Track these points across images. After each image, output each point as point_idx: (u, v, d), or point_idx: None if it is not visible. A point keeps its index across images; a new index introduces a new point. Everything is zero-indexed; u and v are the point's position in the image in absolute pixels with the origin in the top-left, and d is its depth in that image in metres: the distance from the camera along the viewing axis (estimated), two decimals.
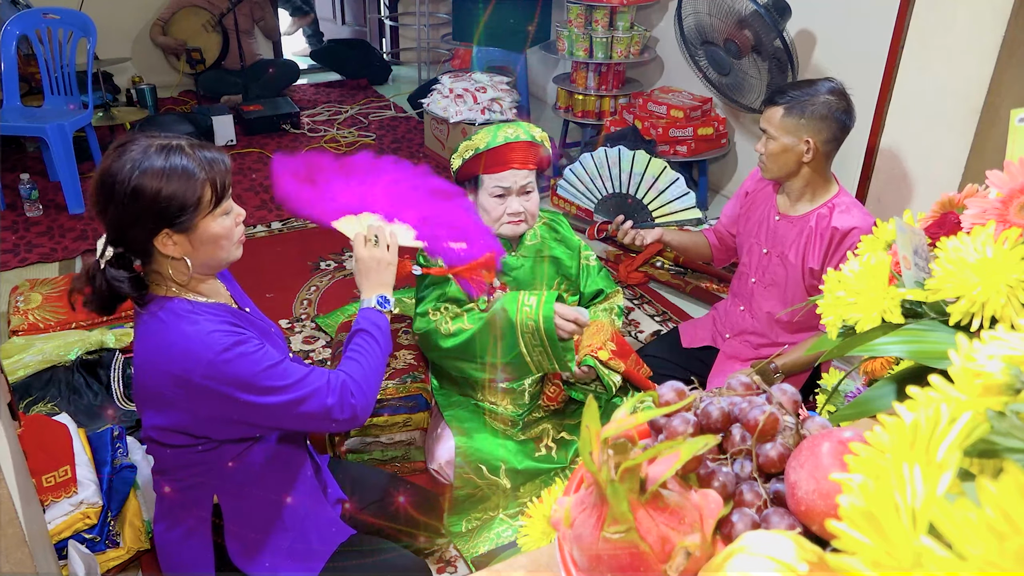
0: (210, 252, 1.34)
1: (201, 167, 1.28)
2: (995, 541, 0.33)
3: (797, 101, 1.94)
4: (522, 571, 0.67)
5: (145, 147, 1.27)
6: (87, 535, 1.89)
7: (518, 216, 1.98)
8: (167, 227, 1.27)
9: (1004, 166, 0.71)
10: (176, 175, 1.25)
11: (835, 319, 0.78)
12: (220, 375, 1.27)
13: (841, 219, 2.02)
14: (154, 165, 1.25)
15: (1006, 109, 2.29)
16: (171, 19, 5.17)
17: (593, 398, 0.55)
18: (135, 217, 1.26)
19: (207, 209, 1.29)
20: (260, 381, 1.29)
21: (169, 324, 1.30)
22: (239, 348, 1.29)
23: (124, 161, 1.25)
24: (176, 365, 1.27)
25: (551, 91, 4.91)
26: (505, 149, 1.93)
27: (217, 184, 1.30)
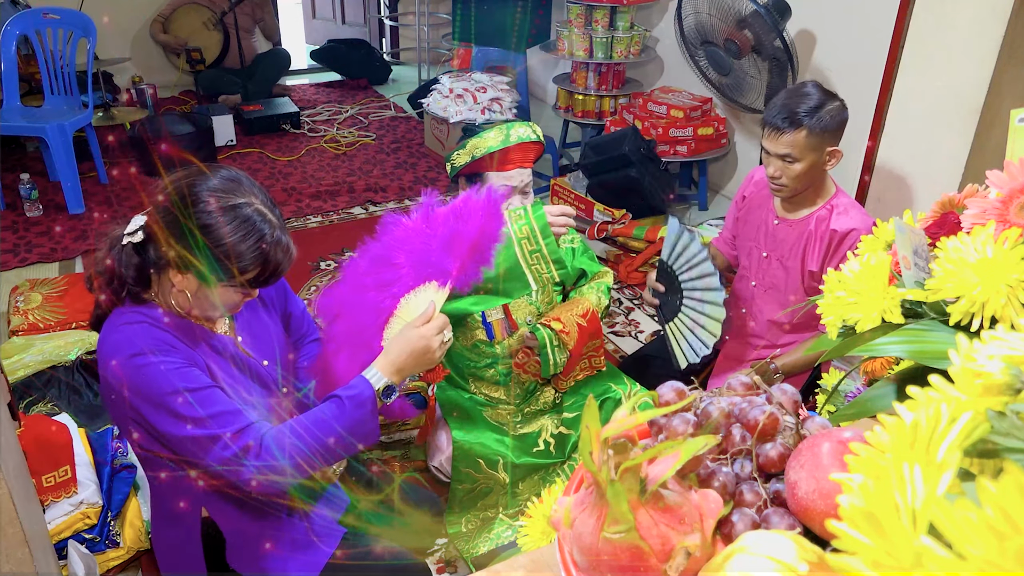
0: (202, 306, 1.30)
1: (268, 253, 1.24)
2: (995, 541, 0.33)
3: (817, 118, 1.89)
4: (522, 571, 0.67)
5: (241, 200, 1.23)
6: (87, 535, 1.89)
7: None
8: (193, 271, 1.24)
9: (1004, 166, 0.71)
10: (244, 245, 1.21)
11: (835, 319, 0.78)
12: (129, 382, 1.21)
13: (840, 221, 2.02)
14: (235, 221, 1.21)
15: (1006, 109, 2.29)
16: (171, 16, 5.17)
17: (592, 398, 0.55)
18: (179, 241, 1.22)
19: (237, 284, 1.25)
20: (168, 403, 1.21)
21: (117, 322, 1.27)
22: (151, 358, 1.21)
23: (214, 194, 1.23)
24: (102, 363, 1.25)
25: (551, 91, 4.91)
26: (517, 148, 1.96)
27: (267, 272, 1.26)
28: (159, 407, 1.22)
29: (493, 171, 1.96)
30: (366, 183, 4.22)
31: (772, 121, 1.93)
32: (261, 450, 1.23)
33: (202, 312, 1.32)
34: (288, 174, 4.33)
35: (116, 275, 1.28)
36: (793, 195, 2.04)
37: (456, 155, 2.00)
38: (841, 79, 3.29)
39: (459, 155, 1.99)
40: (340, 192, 4.12)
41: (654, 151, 3.62)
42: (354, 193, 4.11)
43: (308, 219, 3.85)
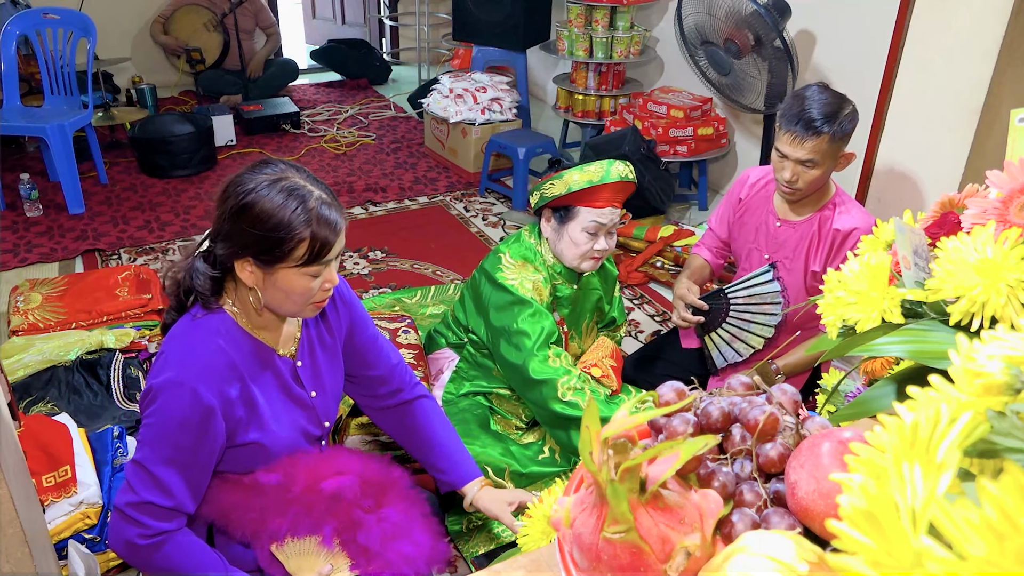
0: (278, 299, 1.30)
1: (311, 223, 1.23)
2: (995, 541, 0.33)
3: (838, 123, 1.88)
4: (522, 571, 0.67)
5: (279, 177, 1.25)
6: (87, 535, 1.89)
7: (602, 253, 1.98)
8: (251, 255, 1.25)
9: (1004, 166, 0.71)
10: (282, 218, 1.22)
11: (835, 319, 0.78)
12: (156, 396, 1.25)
13: (842, 220, 2.03)
14: (272, 197, 1.22)
15: (1006, 109, 2.29)
16: (172, 16, 5.17)
17: (593, 399, 0.55)
18: (229, 231, 1.25)
19: (294, 262, 1.25)
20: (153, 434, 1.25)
21: (188, 328, 1.30)
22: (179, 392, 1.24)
23: (254, 177, 1.25)
24: (161, 360, 1.28)
25: (551, 91, 4.91)
26: (616, 186, 1.91)
27: (316, 245, 1.25)
28: (148, 429, 1.26)
29: (586, 206, 1.92)
30: (366, 183, 4.22)
31: (793, 128, 1.90)
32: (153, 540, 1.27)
33: (278, 308, 1.32)
34: None
35: (187, 284, 1.32)
36: (803, 198, 2.05)
37: (551, 185, 1.94)
38: (841, 79, 3.29)
39: (554, 185, 1.93)
40: (340, 192, 4.12)
41: (654, 151, 3.62)
42: (354, 193, 4.11)
43: None
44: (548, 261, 2.04)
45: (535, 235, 2.08)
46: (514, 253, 2.05)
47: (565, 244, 1.96)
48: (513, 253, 2.05)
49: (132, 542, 1.27)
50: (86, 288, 2.97)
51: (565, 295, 2.06)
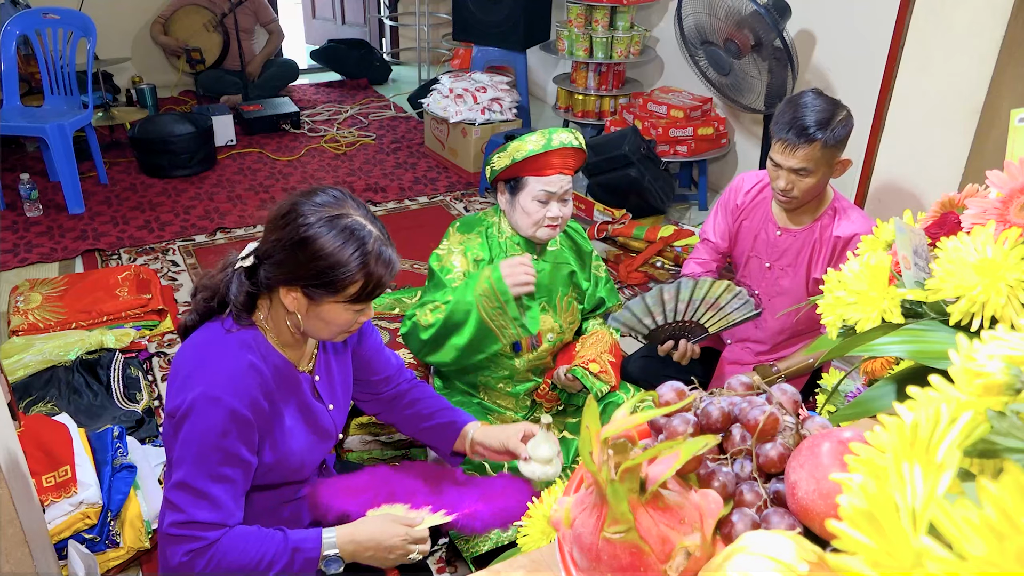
0: (315, 327, 1.32)
1: (368, 264, 1.25)
2: (995, 541, 0.33)
3: (830, 130, 1.87)
4: (522, 571, 0.67)
5: (340, 213, 1.26)
6: (87, 535, 1.89)
7: (556, 220, 1.99)
8: (300, 286, 1.26)
9: (1004, 166, 0.71)
10: (344, 253, 1.23)
11: (835, 319, 0.78)
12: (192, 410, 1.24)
13: (843, 227, 2.02)
14: (334, 236, 1.23)
15: (1006, 109, 2.29)
16: (172, 17, 5.17)
17: (593, 398, 0.55)
18: (283, 258, 1.25)
19: (343, 298, 1.27)
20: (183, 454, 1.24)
21: (221, 341, 1.30)
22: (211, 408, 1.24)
23: (316, 210, 1.25)
24: (188, 370, 1.27)
25: (551, 91, 4.91)
26: (558, 153, 1.93)
27: (369, 286, 1.27)
28: (187, 446, 1.24)
29: (533, 176, 1.95)
30: (366, 183, 4.22)
31: (785, 136, 1.89)
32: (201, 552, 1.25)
33: (314, 334, 1.34)
34: (288, 174, 4.32)
35: (222, 295, 1.32)
36: (800, 206, 2.04)
37: (496, 158, 1.97)
38: (841, 79, 3.29)
39: (499, 158, 1.96)
40: None
41: (654, 151, 3.62)
42: (354, 193, 4.08)
43: None
44: (507, 233, 2.06)
45: (496, 210, 2.11)
46: (459, 226, 2.09)
47: (518, 214, 1.99)
48: (459, 226, 2.09)
49: (184, 561, 1.25)
50: (86, 288, 2.97)
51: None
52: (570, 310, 2.16)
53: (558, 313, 2.14)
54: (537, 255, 2.09)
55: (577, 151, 1.96)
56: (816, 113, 1.88)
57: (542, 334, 2.10)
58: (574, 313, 2.18)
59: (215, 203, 3.96)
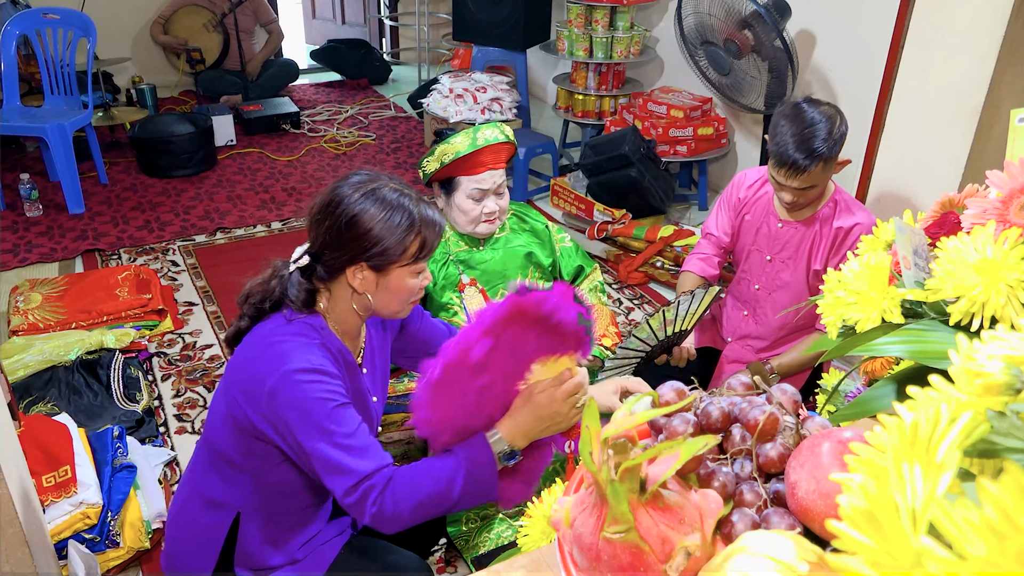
0: (386, 300, 1.37)
1: (419, 222, 1.33)
2: (995, 541, 0.33)
3: (830, 144, 1.87)
4: (522, 571, 0.67)
5: (378, 185, 1.35)
6: (87, 535, 1.89)
7: (493, 215, 2.02)
8: (365, 260, 1.32)
9: (1004, 166, 0.71)
10: (394, 219, 1.31)
11: (835, 319, 0.78)
12: (289, 392, 1.26)
13: (843, 218, 2.03)
14: (379, 202, 1.32)
15: (1006, 109, 2.29)
16: (172, 17, 5.17)
17: (593, 399, 0.55)
18: (342, 242, 1.32)
19: (406, 261, 1.34)
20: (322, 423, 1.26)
21: (289, 328, 1.33)
22: (318, 376, 1.28)
23: (355, 189, 1.33)
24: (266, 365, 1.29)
25: (551, 91, 4.91)
26: (486, 150, 1.96)
27: (426, 244, 1.35)
28: (310, 425, 1.26)
29: (464, 175, 1.97)
30: None
31: (791, 160, 1.87)
32: (379, 504, 1.26)
33: (385, 308, 1.38)
34: (288, 174, 4.33)
35: (276, 298, 1.36)
36: (805, 207, 2.07)
37: (426, 162, 2.00)
38: (841, 79, 3.29)
39: (429, 162, 1.99)
40: None
41: (654, 151, 3.62)
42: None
43: None
44: (448, 232, 2.10)
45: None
46: None
47: (456, 213, 2.02)
48: None
49: (375, 512, 1.25)
50: (86, 288, 2.97)
51: (467, 258, 2.10)
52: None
53: None
54: (482, 246, 2.12)
55: (505, 145, 1.99)
56: (817, 132, 1.87)
57: None
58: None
59: (215, 203, 3.96)
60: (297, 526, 1.48)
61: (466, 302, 2.09)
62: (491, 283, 2.11)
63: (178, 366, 2.75)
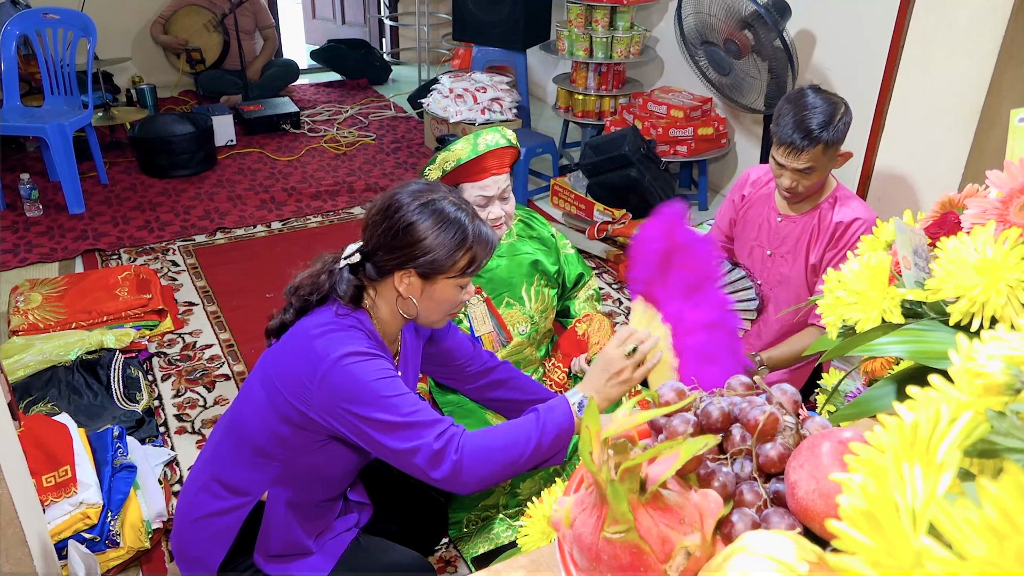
0: (429, 308, 1.41)
1: (472, 238, 1.37)
2: (995, 541, 0.33)
3: (832, 130, 1.89)
4: (522, 571, 0.67)
5: (437, 197, 1.38)
6: (87, 535, 1.89)
7: (499, 220, 1.99)
8: (414, 267, 1.36)
9: (1004, 166, 0.71)
10: (448, 232, 1.35)
11: (835, 319, 0.78)
12: (340, 377, 1.29)
13: (842, 212, 2.04)
14: (436, 214, 1.35)
15: (1006, 109, 2.29)
16: (172, 17, 5.17)
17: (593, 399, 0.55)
18: (396, 246, 1.35)
19: (454, 273, 1.37)
20: (381, 398, 1.29)
21: (335, 321, 1.36)
22: (363, 358, 1.32)
23: (414, 197, 1.37)
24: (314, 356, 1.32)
25: (551, 91, 4.91)
26: (487, 156, 1.93)
27: (475, 259, 1.39)
28: (369, 400, 1.28)
29: (467, 182, 1.94)
30: (366, 183, 4.22)
31: (790, 140, 1.90)
32: (459, 453, 1.28)
33: (426, 315, 1.42)
34: (288, 174, 4.33)
35: (324, 292, 1.39)
36: (804, 199, 2.06)
37: (428, 170, 1.97)
38: (841, 79, 3.29)
39: (431, 170, 1.96)
40: (340, 192, 4.12)
41: (654, 151, 3.62)
42: (354, 193, 4.11)
43: (308, 219, 3.85)
44: None
45: None
46: None
47: None
48: None
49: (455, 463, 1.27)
50: (86, 288, 2.97)
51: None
52: (539, 299, 2.15)
53: (527, 304, 2.13)
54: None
55: (508, 149, 1.96)
56: (818, 115, 1.90)
57: (510, 329, 2.10)
58: (545, 301, 2.17)
59: (215, 203, 3.96)
60: (315, 517, 1.50)
61: (469, 311, 2.07)
62: (496, 291, 2.09)
63: (178, 366, 2.75)
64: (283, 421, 1.37)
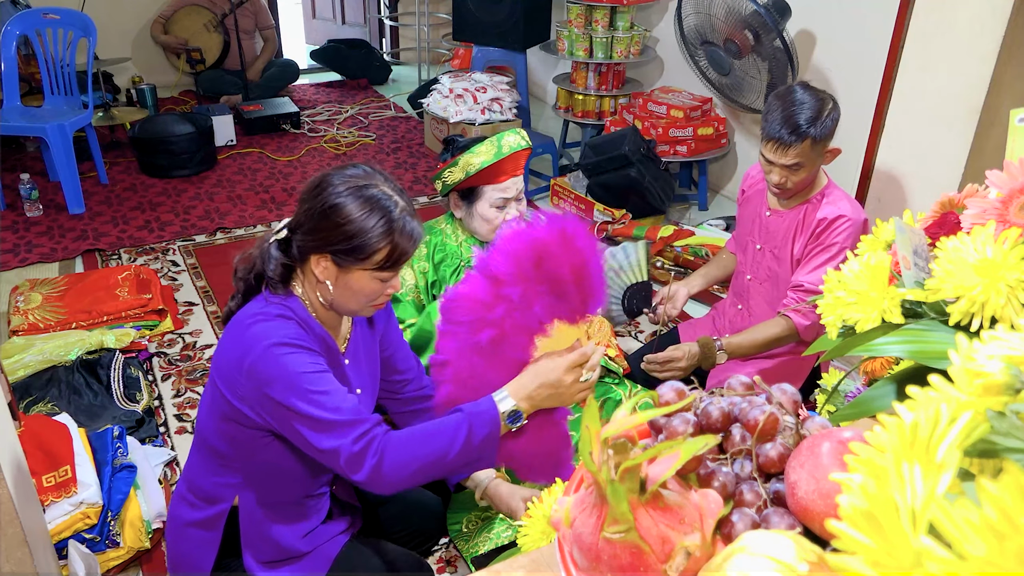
0: (344, 297, 1.35)
1: (394, 232, 1.29)
2: (995, 541, 0.33)
3: (819, 126, 1.90)
4: (522, 571, 0.67)
5: (370, 182, 1.31)
6: (87, 535, 1.89)
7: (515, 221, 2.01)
8: (329, 252, 1.30)
9: (1004, 166, 0.71)
10: (370, 221, 1.28)
11: (835, 319, 0.78)
12: (267, 368, 1.25)
13: (827, 209, 2.04)
14: (361, 203, 1.29)
15: (1006, 109, 2.28)
16: (172, 17, 5.17)
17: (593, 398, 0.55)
18: (315, 227, 1.30)
19: (370, 265, 1.31)
20: (306, 392, 1.24)
21: (265, 308, 1.33)
22: (294, 350, 1.27)
23: (345, 180, 1.31)
24: (238, 343, 1.29)
25: (551, 91, 4.91)
26: (512, 158, 1.94)
27: (395, 253, 1.31)
28: (294, 392, 1.24)
29: (488, 185, 1.95)
30: None
31: (776, 135, 1.91)
32: (379, 455, 1.23)
33: (342, 305, 1.36)
34: (288, 174, 4.33)
35: (258, 270, 1.35)
36: (794, 195, 2.07)
37: (448, 173, 1.98)
38: (841, 79, 3.29)
39: (451, 172, 1.97)
40: None
41: (654, 151, 3.62)
42: None
43: None
44: (461, 237, 2.08)
45: (447, 219, 2.12)
46: None
47: (477, 222, 2.01)
48: None
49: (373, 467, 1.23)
50: (86, 288, 2.97)
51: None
52: None
53: None
54: None
55: (526, 151, 1.98)
56: (806, 111, 1.91)
57: None
58: None
59: (215, 203, 3.96)
60: (297, 517, 1.47)
61: None
62: None
63: (178, 366, 2.75)
64: (225, 419, 1.34)
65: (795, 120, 1.89)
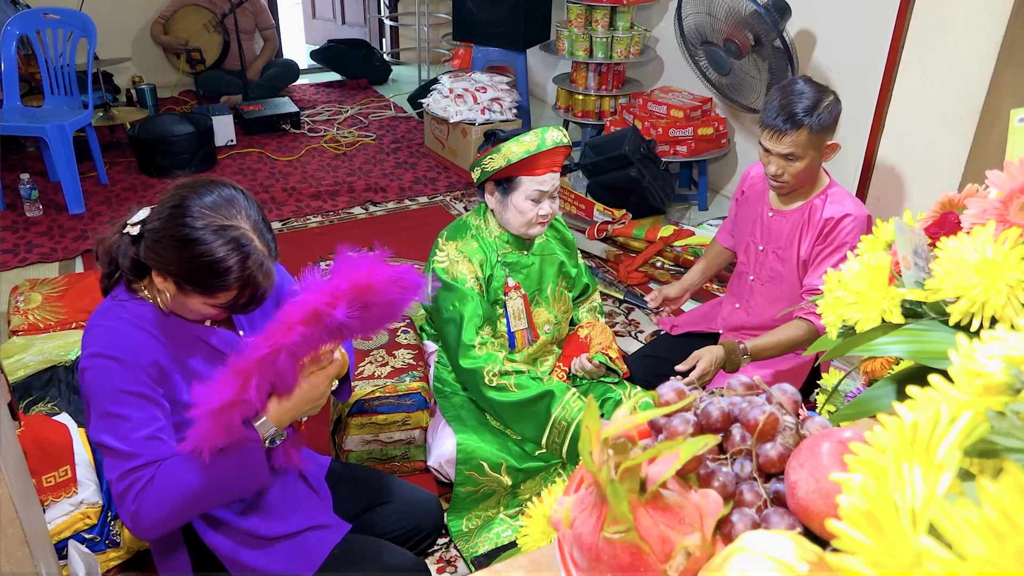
0: (181, 310, 1.34)
1: (242, 280, 1.26)
2: (995, 541, 0.33)
3: (816, 116, 1.90)
4: (522, 571, 0.67)
5: (230, 223, 1.26)
6: (87, 535, 1.89)
7: (547, 217, 2.03)
8: (173, 278, 1.28)
9: (1004, 166, 0.71)
10: (221, 267, 1.23)
11: (835, 319, 0.78)
12: (82, 376, 1.27)
13: (832, 208, 2.04)
14: (219, 243, 1.23)
15: (1006, 109, 2.29)
16: (172, 17, 5.17)
17: (593, 398, 0.55)
18: (163, 248, 1.26)
19: (211, 300, 1.29)
20: (100, 400, 1.24)
21: (106, 313, 1.32)
22: (106, 362, 1.25)
23: (204, 211, 1.25)
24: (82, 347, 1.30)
25: (551, 91, 4.91)
26: (550, 152, 1.96)
27: (242, 299, 1.29)
28: (95, 409, 1.25)
29: (526, 175, 1.96)
30: (366, 183, 4.22)
31: (772, 123, 1.93)
32: (136, 503, 1.23)
33: (178, 313, 1.36)
34: (288, 174, 4.32)
35: (113, 260, 1.34)
36: (793, 191, 2.06)
37: (489, 159, 1.98)
38: (841, 79, 3.29)
39: (492, 159, 1.97)
40: (340, 192, 4.12)
41: (654, 151, 3.62)
42: (354, 193, 4.11)
43: (308, 219, 3.85)
44: (494, 232, 2.08)
45: (477, 212, 2.13)
46: (448, 234, 2.12)
47: (511, 214, 2.02)
48: (447, 235, 2.12)
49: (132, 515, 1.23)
50: (86, 288, 2.97)
51: (515, 261, 2.11)
52: (562, 300, 2.20)
53: (551, 304, 2.17)
54: (526, 250, 2.12)
55: (566, 148, 2.02)
56: (803, 100, 1.92)
57: (537, 327, 2.13)
58: (566, 302, 2.22)
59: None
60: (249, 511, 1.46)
61: (509, 305, 2.10)
62: (530, 288, 2.13)
63: None
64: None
65: (792, 108, 1.90)
